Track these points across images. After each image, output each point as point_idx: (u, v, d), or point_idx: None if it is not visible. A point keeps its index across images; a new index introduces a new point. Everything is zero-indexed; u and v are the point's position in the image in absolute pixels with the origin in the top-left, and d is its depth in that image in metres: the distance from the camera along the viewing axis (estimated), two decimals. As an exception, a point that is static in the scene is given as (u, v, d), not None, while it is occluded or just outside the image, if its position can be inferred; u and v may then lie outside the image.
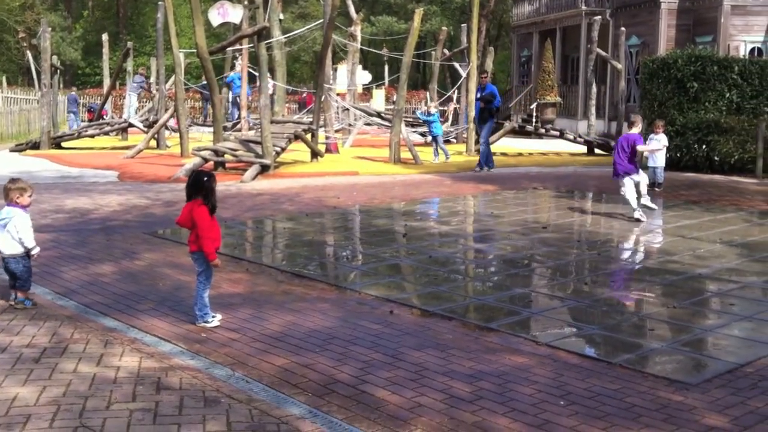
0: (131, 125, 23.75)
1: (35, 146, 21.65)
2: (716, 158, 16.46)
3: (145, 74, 27.30)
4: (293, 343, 5.57)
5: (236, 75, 26.09)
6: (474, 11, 22.73)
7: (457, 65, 25.25)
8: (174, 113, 21.05)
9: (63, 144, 22.51)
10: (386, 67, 34.87)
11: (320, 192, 13.66)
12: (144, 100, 32.88)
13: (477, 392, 4.70)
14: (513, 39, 38.73)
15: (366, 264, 8.38)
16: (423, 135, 22.83)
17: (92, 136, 23.52)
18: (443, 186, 14.87)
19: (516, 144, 24.27)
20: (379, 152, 19.86)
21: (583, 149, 22.20)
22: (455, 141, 23.66)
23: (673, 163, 16.34)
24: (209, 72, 16.99)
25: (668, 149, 14.89)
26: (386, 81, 34.07)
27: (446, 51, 28.75)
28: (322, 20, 20.60)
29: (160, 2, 21.12)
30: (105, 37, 29.19)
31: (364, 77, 31.45)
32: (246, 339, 5.67)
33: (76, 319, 6.07)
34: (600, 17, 25.38)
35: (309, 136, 17.85)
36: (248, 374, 4.97)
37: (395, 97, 20.89)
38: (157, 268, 7.87)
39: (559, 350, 5.51)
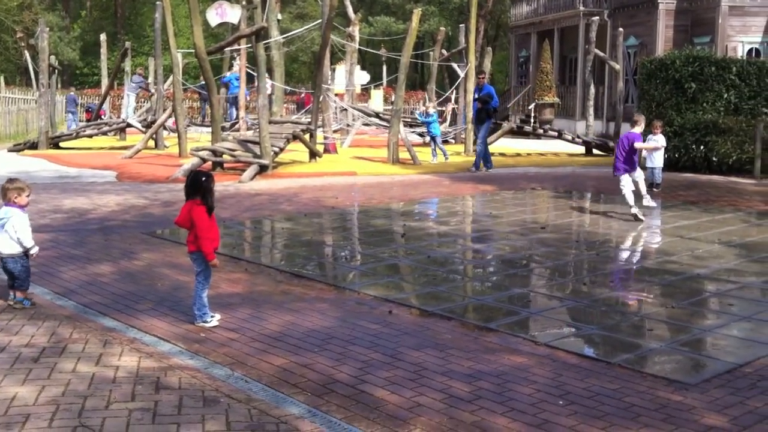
0: (129, 125, 23.75)
1: (33, 146, 21.63)
2: (714, 159, 16.48)
3: (143, 74, 27.29)
4: (292, 343, 5.57)
5: (233, 75, 26.10)
6: (472, 11, 22.74)
7: (455, 65, 25.27)
8: (172, 113, 21.04)
9: (61, 144, 22.51)
10: (384, 68, 34.88)
11: (318, 192, 13.66)
12: (142, 100, 32.87)
13: (476, 392, 4.70)
14: (511, 39, 38.77)
15: (365, 264, 8.38)
16: (421, 135, 22.84)
17: (90, 136, 23.51)
18: (441, 186, 14.88)
19: (514, 144, 24.28)
20: (378, 152, 19.87)
21: (581, 150, 22.21)
22: (453, 141, 23.67)
23: (672, 164, 16.36)
24: (207, 72, 16.98)
25: (666, 150, 14.90)
26: (384, 81, 34.08)
27: (444, 51, 28.79)
28: (321, 20, 20.60)
29: (158, 2, 21.11)
30: (103, 37, 29.20)
31: (363, 77, 31.46)
32: (245, 339, 5.67)
33: (75, 319, 6.07)
34: (598, 18, 25.43)
35: (307, 137, 17.85)
36: (247, 374, 4.97)
37: (393, 98, 20.93)
38: (156, 268, 7.87)
39: (558, 350, 5.51)
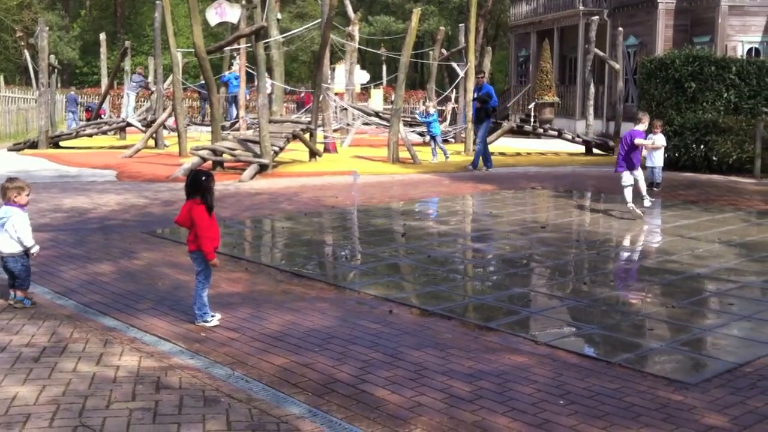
0: (129, 124, 23.74)
1: (33, 145, 21.64)
2: (714, 158, 16.47)
3: (143, 73, 27.29)
4: (293, 343, 5.57)
5: (232, 74, 26.11)
6: (472, 11, 22.73)
7: (455, 65, 25.27)
8: (172, 112, 21.04)
9: (61, 143, 22.51)
10: (384, 67, 34.89)
11: (319, 191, 13.66)
12: (142, 99, 32.86)
13: (476, 392, 4.70)
14: (511, 39, 38.77)
15: (365, 263, 8.38)
16: (421, 135, 22.84)
17: (90, 136, 23.52)
18: (441, 186, 14.87)
19: (514, 144, 24.27)
20: (378, 152, 19.86)
21: (582, 149, 22.21)
22: (454, 141, 23.67)
23: (672, 163, 16.35)
24: (207, 71, 16.98)
25: (666, 149, 14.91)
26: (384, 81, 34.09)
27: (444, 51, 28.79)
28: (320, 20, 20.59)
29: (158, 1, 21.11)
30: (103, 37, 29.20)
31: (362, 77, 31.48)
32: (245, 338, 5.67)
33: (76, 319, 6.07)
34: (598, 17, 25.42)
35: (307, 136, 17.85)
36: (248, 373, 4.97)
37: (393, 97, 20.92)
38: (156, 268, 7.87)
39: (559, 350, 5.51)
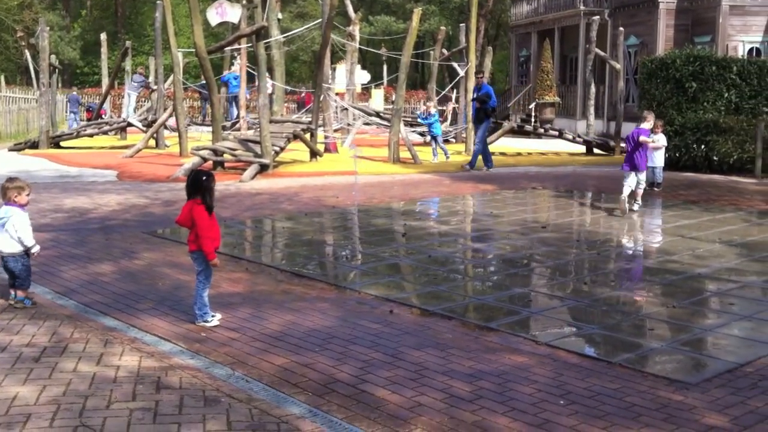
0: (130, 124, 23.75)
1: (34, 145, 21.64)
2: (715, 158, 16.47)
3: (144, 73, 27.30)
4: (293, 343, 5.57)
5: (231, 74, 26.11)
6: (472, 11, 22.74)
7: (456, 65, 25.26)
8: (173, 112, 21.04)
9: (62, 143, 22.52)
10: (385, 67, 34.89)
11: (319, 191, 13.66)
12: (143, 99, 32.86)
13: (477, 392, 4.70)
14: (511, 39, 38.76)
15: (365, 263, 8.38)
16: (422, 135, 22.83)
17: (91, 136, 23.52)
18: (442, 185, 14.87)
19: (515, 144, 24.27)
20: (378, 152, 19.86)
21: (582, 149, 22.21)
22: (454, 141, 23.67)
23: (672, 163, 16.35)
24: (208, 71, 16.98)
25: (667, 149, 14.91)
26: (385, 80, 34.09)
27: (445, 51, 28.77)
28: (321, 20, 20.59)
29: (159, 1, 21.10)
30: (103, 37, 29.20)
31: (363, 77, 31.47)
32: (246, 338, 5.67)
33: (76, 319, 6.07)
34: (598, 17, 25.39)
35: (308, 136, 17.85)
36: (248, 373, 4.97)
37: (394, 97, 20.92)
38: (157, 268, 7.87)
39: (559, 350, 5.51)
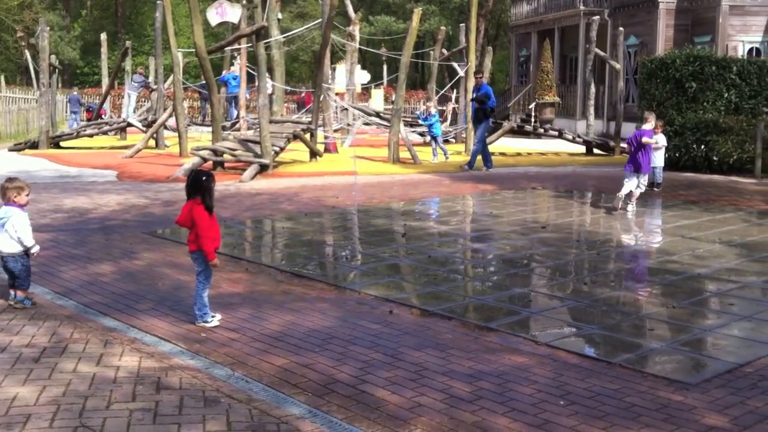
0: (130, 125, 23.75)
1: (34, 146, 21.64)
2: (715, 158, 16.47)
3: (144, 74, 27.30)
4: (293, 343, 5.57)
5: (231, 75, 26.10)
6: (472, 11, 22.73)
7: (456, 65, 25.26)
8: (172, 113, 21.04)
9: (62, 143, 22.51)
10: (385, 67, 34.89)
11: (319, 192, 13.66)
12: (143, 100, 32.86)
13: (477, 392, 4.70)
14: (511, 39, 38.77)
15: (365, 264, 8.38)
16: (422, 135, 22.83)
17: (91, 136, 23.52)
18: (442, 186, 14.87)
19: (515, 144, 24.27)
20: (378, 152, 19.86)
21: (582, 149, 22.21)
22: (454, 141, 23.67)
23: (672, 163, 16.35)
24: (208, 71, 16.98)
25: (667, 149, 14.92)
26: (385, 81, 34.09)
27: (445, 51, 28.77)
28: (321, 20, 20.59)
29: (159, 1, 21.10)
30: (103, 37, 29.20)
31: (363, 77, 31.46)
32: (246, 339, 5.67)
33: (76, 319, 6.07)
34: (598, 17, 25.39)
35: (308, 136, 17.85)
36: (248, 374, 4.97)
37: (394, 97, 20.92)
38: (157, 268, 7.87)
39: (559, 350, 5.51)
